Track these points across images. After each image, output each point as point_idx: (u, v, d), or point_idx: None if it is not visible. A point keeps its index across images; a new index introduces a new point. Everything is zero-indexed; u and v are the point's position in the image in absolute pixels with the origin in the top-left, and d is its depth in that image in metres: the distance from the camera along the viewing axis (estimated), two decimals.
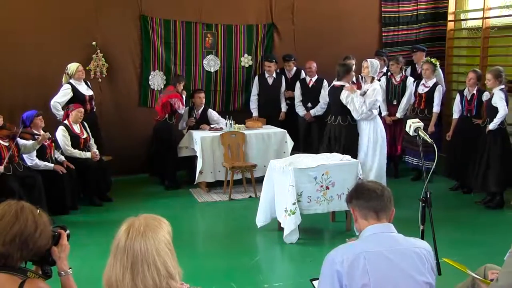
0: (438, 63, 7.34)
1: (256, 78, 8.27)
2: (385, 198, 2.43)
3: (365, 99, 6.32)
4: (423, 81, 7.34)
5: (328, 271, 2.28)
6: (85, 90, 6.94)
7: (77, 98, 6.78)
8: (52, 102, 6.67)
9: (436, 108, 7.21)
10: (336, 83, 6.53)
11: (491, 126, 6.15)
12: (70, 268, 2.26)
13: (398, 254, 2.29)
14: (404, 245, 2.34)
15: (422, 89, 7.28)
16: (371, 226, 2.39)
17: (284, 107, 8.27)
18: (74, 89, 6.77)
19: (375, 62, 6.68)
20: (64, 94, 6.72)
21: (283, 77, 8.27)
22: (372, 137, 6.49)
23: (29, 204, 2.14)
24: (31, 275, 2.08)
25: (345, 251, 2.31)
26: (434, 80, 7.24)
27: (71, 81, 6.80)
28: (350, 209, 2.54)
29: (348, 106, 6.35)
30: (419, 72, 7.83)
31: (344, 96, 6.35)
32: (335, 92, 6.52)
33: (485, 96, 6.59)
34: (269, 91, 8.17)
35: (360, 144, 6.51)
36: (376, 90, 6.40)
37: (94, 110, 7.15)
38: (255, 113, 8.18)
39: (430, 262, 2.35)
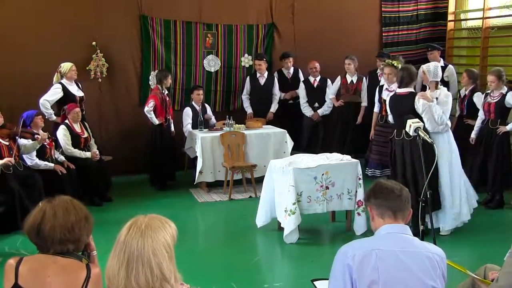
0: (400, 65, 6.45)
1: (248, 78, 8.24)
2: (403, 198, 2.44)
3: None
4: (385, 86, 6.78)
5: (340, 264, 2.30)
6: (76, 91, 6.85)
7: (68, 98, 6.69)
8: (41, 100, 6.58)
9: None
10: (400, 90, 5.49)
11: (509, 127, 6.12)
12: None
13: (410, 256, 2.30)
14: (418, 248, 2.35)
15: (386, 95, 6.57)
16: (387, 225, 2.41)
17: (273, 108, 8.23)
18: (64, 89, 6.70)
19: (432, 65, 5.62)
20: (54, 93, 6.64)
21: (275, 78, 8.24)
22: (449, 153, 5.38)
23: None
24: (83, 261, 2.29)
25: (357, 246, 2.33)
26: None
27: (62, 81, 6.73)
28: (368, 208, 2.55)
29: (424, 117, 5.22)
30: None
31: (420, 105, 5.24)
32: (400, 102, 5.45)
33: (476, 97, 6.60)
34: (261, 91, 8.13)
35: (440, 165, 5.25)
36: (449, 96, 5.43)
37: (84, 112, 6.98)
38: (249, 110, 8.17)
39: (442, 269, 2.36)
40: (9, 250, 5.07)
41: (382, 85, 7.06)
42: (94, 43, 7.56)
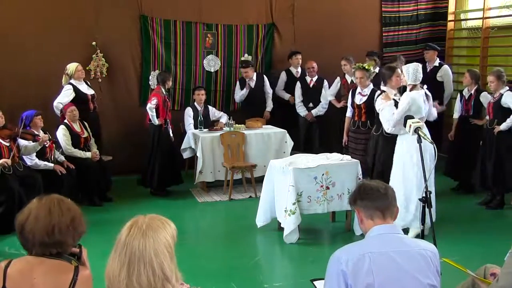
0: (372, 68, 6.50)
1: (238, 83, 8.17)
2: (389, 196, 2.43)
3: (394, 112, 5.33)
4: (358, 90, 6.47)
5: (334, 270, 2.28)
6: (86, 89, 6.93)
7: (79, 98, 6.76)
8: (55, 103, 6.67)
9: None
10: (382, 88, 5.74)
11: (503, 126, 6.09)
12: None
13: (404, 256, 2.29)
14: (410, 247, 2.34)
15: (359, 99, 6.41)
16: (378, 227, 2.39)
17: (269, 107, 8.21)
18: (75, 89, 6.76)
19: (412, 66, 5.33)
20: (66, 94, 6.71)
21: (264, 76, 8.19)
22: (405, 155, 5.30)
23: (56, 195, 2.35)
24: (73, 263, 2.23)
25: (350, 251, 2.31)
26: (371, 87, 6.36)
27: (71, 81, 6.79)
28: (355, 211, 2.53)
29: (380, 115, 5.55)
30: (428, 70, 7.78)
31: (376, 104, 5.56)
32: (375, 98, 5.78)
33: (483, 96, 6.58)
34: (253, 93, 8.08)
35: (394, 162, 5.43)
36: (404, 100, 5.25)
37: (96, 109, 7.10)
38: (240, 99, 8.13)
39: (436, 264, 2.35)
40: (9, 250, 5.07)
41: (356, 89, 6.57)
42: (94, 43, 7.57)
